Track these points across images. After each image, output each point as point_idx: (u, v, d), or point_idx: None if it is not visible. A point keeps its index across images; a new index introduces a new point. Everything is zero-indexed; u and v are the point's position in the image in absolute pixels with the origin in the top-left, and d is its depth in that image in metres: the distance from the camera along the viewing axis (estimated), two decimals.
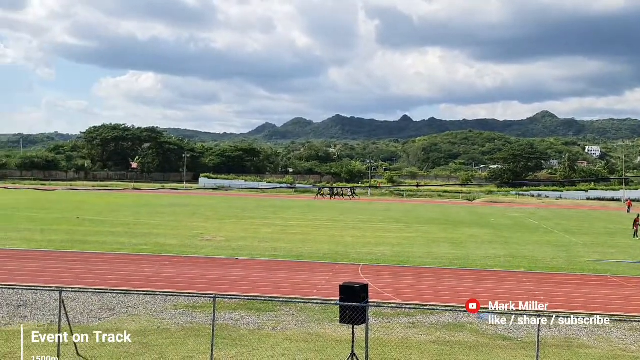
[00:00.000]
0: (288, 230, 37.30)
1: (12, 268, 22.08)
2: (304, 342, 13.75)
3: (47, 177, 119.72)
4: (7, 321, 14.86)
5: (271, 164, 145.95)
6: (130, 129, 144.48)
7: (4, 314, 15.57)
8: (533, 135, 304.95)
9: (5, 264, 22.97)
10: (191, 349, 12.97)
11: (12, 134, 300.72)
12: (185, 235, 32.91)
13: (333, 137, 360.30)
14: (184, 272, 22.21)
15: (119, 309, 16.32)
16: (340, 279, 16.95)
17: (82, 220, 39.92)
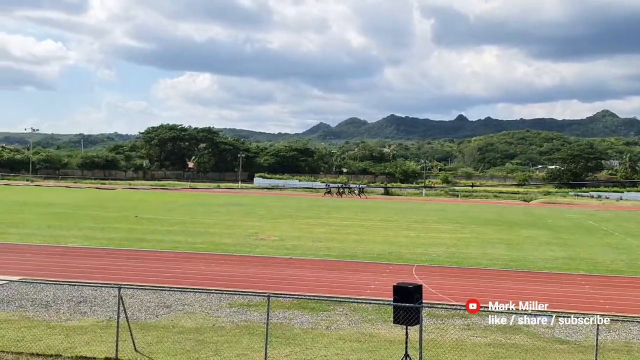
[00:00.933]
0: (342, 230, 37.32)
1: (73, 265, 22.68)
2: (357, 342, 13.74)
3: (107, 176, 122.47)
4: (67, 317, 15.27)
5: (325, 164, 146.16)
6: (187, 129, 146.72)
7: (65, 309, 16.00)
8: (593, 135, 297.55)
9: (67, 260, 23.60)
10: (245, 346, 13.10)
11: (73, 134, 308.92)
12: (240, 235, 33.25)
13: (387, 137, 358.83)
14: (239, 271, 22.45)
15: (176, 306, 16.59)
16: (393, 280, 16.86)
17: (140, 218, 40.73)
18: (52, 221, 37.28)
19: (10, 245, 27.12)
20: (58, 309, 16.01)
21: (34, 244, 27.64)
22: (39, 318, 15.01)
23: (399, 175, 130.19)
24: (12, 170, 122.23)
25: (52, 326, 14.28)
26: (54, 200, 58.22)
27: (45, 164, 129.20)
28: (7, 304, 16.37)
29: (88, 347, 12.62)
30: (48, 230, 32.43)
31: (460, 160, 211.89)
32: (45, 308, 16.03)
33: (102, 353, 12.31)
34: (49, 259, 23.95)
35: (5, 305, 16.23)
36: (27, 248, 26.39)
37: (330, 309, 16.69)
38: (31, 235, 30.44)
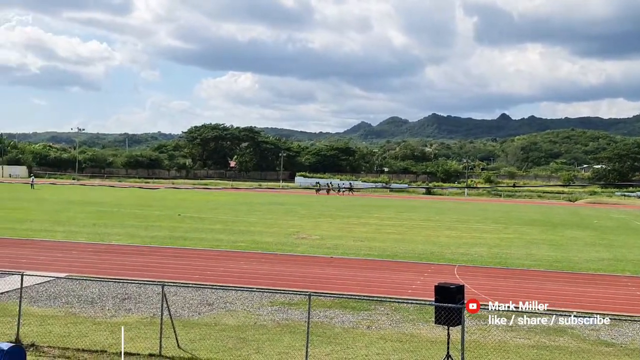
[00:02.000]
0: (383, 230, 37.20)
1: (118, 262, 23.05)
2: (399, 342, 13.69)
3: (150, 175, 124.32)
4: (112, 313, 15.52)
5: (366, 163, 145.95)
6: (229, 128, 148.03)
7: (110, 306, 16.27)
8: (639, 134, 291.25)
9: (112, 258, 24.00)
10: (287, 345, 13.15)
11: (118, 134, 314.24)
12: (281, 233, 33.38)
13: (429, 136, 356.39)
14: (280, 270, 22.54)
15: (218, 304, 16.74)
16: (435, 279, 16.74)
17: (183, 217, 41.19)
18: (97, 219, 37.95)
19: (57, 242, 27.68)
20: (103, 305, 16.29)
21: (79, 241, 28.17)
22: (85, 314, 15.29)
23: (441, 174, 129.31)
24: (59, 169, 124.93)
25: (98, 322, 14.53)
26: (98, 198, 59.25)
27: (91, 163, 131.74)
28: (53, 300, 16.72)
29: (132, 344, 12.81)
30: (93, 228, 33.02)
31: (503, 159, 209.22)
32: (90, 304, 16.33)
33: (146, 349, 12.48)
34: (94, 256, 24.37)
35: (52, 301, 16.57)
36: (73, 245, 26.90)
37: (372, 309, 16.66)
38: (77, 233, 31.03)
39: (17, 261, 22.20)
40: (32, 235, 29.65)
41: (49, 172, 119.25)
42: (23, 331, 12.97)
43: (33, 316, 14.67)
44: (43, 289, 17.81)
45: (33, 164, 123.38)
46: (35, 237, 29.09)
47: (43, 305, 16.05)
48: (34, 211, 42.71)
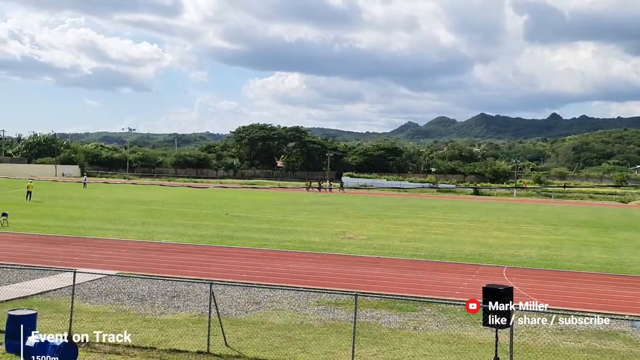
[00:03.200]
0: (430, 230, 36.95)
1: (166, 260, 23.39)
2: (446, 343, 13.58)
3: (199, 174, 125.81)
4: (161, 310, 15.76)
5: (413, 163, 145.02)
6: (276, 128, 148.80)
7: (159, 303, 16.52)
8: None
9: (161, 256, 24.37)
10: (333, 344, 13.16)
11: (167, 134, 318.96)
12: (327, 233, 33.43)
13: (477, 136, 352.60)
14: (327, 269, 22.58)
15: (265, 303, 16.85)
16: (483, 281, 16.54)
17: (230, 216, 41.59)
18: (146, 218, 38.58)
19: (108, 240, 28.23)
20: (153, 302, 16.55)
21: (130, 239, 28.68)
22: (135, 311, 15.56)
23: (489, 175, 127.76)
24: (111, 168, 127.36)
25: (147, 319, 14.77)
26: (148, 197, 60.21)
27: (141, 162, 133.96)
28: (105, 296, 17.06)
29: (181, 341, 12.99)
30: (143, 227, 33.58)
31: (554, 159, 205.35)
32: (140, 301, 16.61)
33: (195, 347, 12.63)
34: (144, 254, 24.78)
35: (104, 298, 16.91)
36: (124, 244, 27.40)
37: (418, 310, 16.56)
38: (127, 231, 31.59)
39: (70, 258, 22.71)
40: (85, 233, 30.30)
41: (100, 171, 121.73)
42: (75, 327, 13.26)
43: (85, 312, 14.99)
44: (95, 286, 18.19)
45: (85, 164, 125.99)
46: (87, 235, 29.72)
47: (94, 302, 16.39)
48: (86, 210, 43.64)
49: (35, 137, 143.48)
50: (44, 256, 23.22)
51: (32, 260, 21.85)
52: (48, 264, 21.11)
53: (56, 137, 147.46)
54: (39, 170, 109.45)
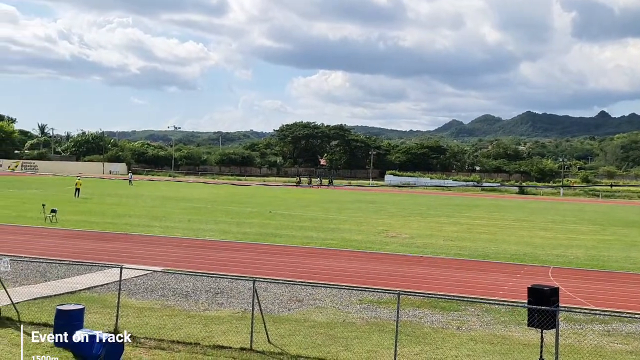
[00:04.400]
0: (474, 229, 36.60)
1: (210, 257, 23.63)
2: (489, 344, 13.43)
3: (242, 172, 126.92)
4: (205, 307, 15.92)
5: (457, 162, 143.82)
6: (319, 126, 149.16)
7: (203, 300, 16.70)
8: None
9: (205, 253, 24.63)
10: (375, 343, 13.14)
11: (212, 132, 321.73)
12: (370, 232, 33.37)
13: (523, 135, 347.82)
14: (369, 268, 22.53)
15: (307, 301, 16.90)
16: (528, 281, 16.32)
17: (273, 214, 41.80)
18: (191, 215, 39.03)
19: (154, 237, 28.64)
20: (197, 299, 16.74)
21: (175, 236, 29.05)
22: (179, 307, 15.76)
23: (535, 174, 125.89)
24: (156, 166, 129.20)
25: (192, 315, 14.95)
26: (193, 195, 60.91)
27: (186, 160, 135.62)
28: (150, 292, 17.31)
29: (224, 337, 13.11)
30: (188, 224, 33.97)
31: (602, 158, 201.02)
32: (185, 298, 16.81)
33: (238, 343, 12.74)
34: (189, 251, 25.08)
35: (149, 294, 17.16)
36: (169, 240, 27.77)
37: (462, 309, 16.42)
38: (173, 228, 32.01)
39: (117, 255, 23.12)
40: (131, 229, 30.80)
41: (146, 169, 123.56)
42: (121, 322, 13.49)
43: (131, 308, 15.24)
44: (140, 282, 18.48)
45: (132, 161, 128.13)
46: (133, 231, 30.20)
47: (140, 298, 16.65)
48: (132, 207, 44.36)
49: (83, 135, 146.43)
50: (92, 252, 23.68)
51: (80, 256, 22.30)
52: (95, 260, 21.53)
53: (104, 135, 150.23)
54: (87, 167, 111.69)
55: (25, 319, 13.88)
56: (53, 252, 23.32)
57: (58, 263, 19.66)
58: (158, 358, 11.86)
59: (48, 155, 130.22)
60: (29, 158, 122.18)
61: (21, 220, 32.93)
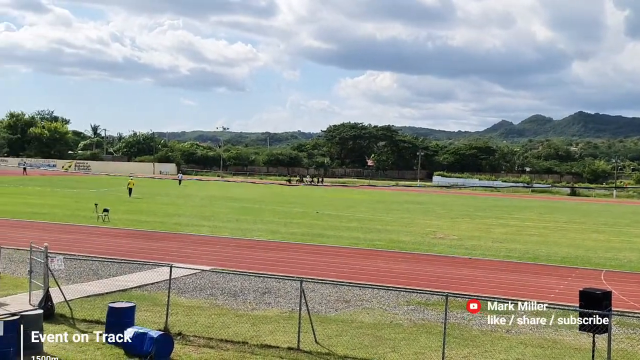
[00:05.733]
0: (523, 231, 36.07)
1: (258, 257, 23.80)
2: (540, 347, 13.23)
3: (290, 172, 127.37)
4: (253, 306, 16.05)
5: (507, 163, 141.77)
6: (367, 127, 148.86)
7: (251, 299, 16.83)
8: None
9: (253, 253, 24.81)
10: (423, 345, 13.06)
11: (260, 132, 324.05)
12: (418, 233, 33.17)
13: (574, 135, 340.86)
14: (416, 269, 22.41)
15: (354, 302, 16.89)
16: (579, 285, 16.03)
17: (320, 214, 41.88)
18: (239, 215, 39.37)
19: (203, 237, 28.97)
20: (245, 298, 16.88)
21: (223, 236, 29.34)
22: (228, 306, 15.92)
23: (587, 175, 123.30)
24: (205, 166, 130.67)
25: (240, 314, 15.08)
26: (241, 195, 61.44)
27: (234, 160, 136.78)
28: (199, 291, 17.53)
29: (272, 337, 13.20)
30: (236, 224, 34.27)
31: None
32: (233, 297, 16.98)
33: (285, 343, 12.81)
34: (237, 250, 25.31)
35: (198, 292, 17.38)
36: (218, 240, 28.06)
37: (511, 312, 16.18)
38: (221, 228, 32.33)
39: (167, 253, 23.47)
40: (180, 229, 31.23)
41: (195, 169, 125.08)
42: (171, 320, 13.70)
43: (180, 306, 15.45)
44: (190, 281, 18.72)
45: (181, 162, 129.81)
46: (182, 231, 30.62)
47: (189, 296, 16.88)
48: (182, 206, 44.96)
49: (134, 136, 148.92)
50: (142, 251, 24.10)
51: (131, 255, 22.72)
52: (146, 258, 21.88)
53: (154, 136, 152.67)
54: (138, 168, 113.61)
55: (78, 316, 14.20)
56: (105, 250, 23.80)
57: (110, 261, 20.09)
58: (207, 356, 12.01)
59: (100, 155, 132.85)
60: (82, 158, 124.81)
61: (74, 219, 33.70)
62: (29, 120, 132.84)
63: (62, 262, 14.94)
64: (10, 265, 20.01)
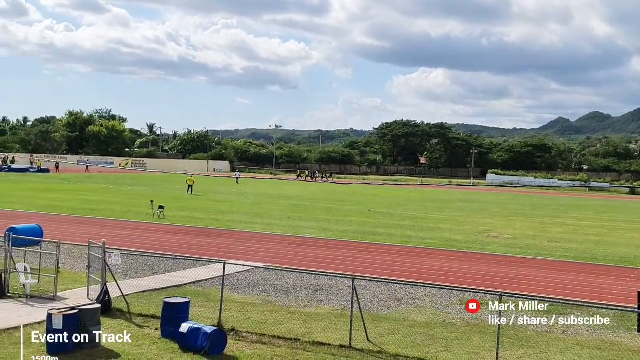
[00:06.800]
0: (581, 231, 35.33)
1: (310, 254, 23.91)
2: (597, 349, 12.96)
3: (342, 170, 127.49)
4: (305, 304, 16.13)
5: (563, 161, 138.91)
6: (419, 125, 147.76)
7: (303, 296, 16.92)
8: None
9: (305, 250, 24.93)
10: (476, 345, 12.93)
11: (313, 130, 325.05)
12: (471, 231, 32.81)
13: (634, 132, 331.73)
14: (470, 268, 22.18)
15: (407, 300, 16.82)
16: (638, 285, 15.64)
17: (372, 212, 41.78)
18: (291, 213, 39.58)
19: (255, 234, 29.23)
20: (297, 295, 16.98)
21: (275, 233, 29.54)
22: (280, 303, 16.04)
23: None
24: (258, 164, 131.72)
25: (292, 311, 15.18)
26: (293, 193, 61.74)
27: (287, 158, 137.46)
28: (252, 288, 17.70)
29: (324, 334, 13.25)
30: (288, 221, 34.46)
31: None
32: (285, 294, 17.09)
33: (337, 340, 12.84)
34: (289, 248, 25.46)
35: (251, 289, 17.55)
36: (270, 237, 28.27)
37: (567, 313, 15.88)
38: (273, 225, 32.55)
39: (220, 250, 23.76)
40: (234, 226, 31.57)
41: (249, 167, 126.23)
42: (224, 316, 13.87)
43: (233, 302, 15.63)
44: (243, 277, 18.91)
45: (235, 160, 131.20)
46: (236, 228, 30.94)
47: (242, 293, 17.06)
48: (235, 204, 45.45)
49: (189, 133, 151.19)
50: (197, 247, 24.45)
51: (185, 251, 23.07)
52: (200, 255, 22.18)
53: (208, 134, 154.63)
54: (192, 165, 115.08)
55: (135, 310, 14.51)
56: (160, 246, 24.24)
57: (165, 257, 20.42)
58: (259, 352, 12.13)
59: (156, 153, 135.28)
60: (138, 156, 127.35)
61: (131, 216, 34.40)
62: (88, 119, 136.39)
63: (119, 258, 15.28)
64: (70, 260, 20.56)
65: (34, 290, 15.69)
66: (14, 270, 15.78)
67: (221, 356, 11.83)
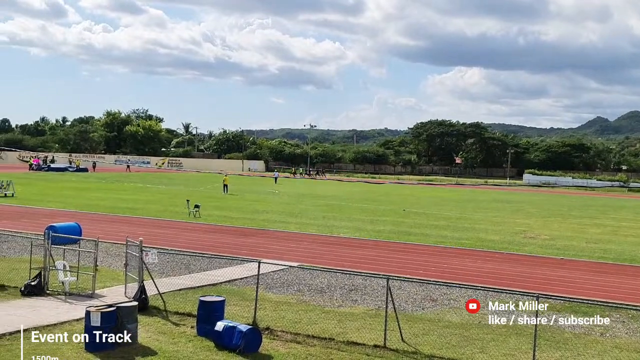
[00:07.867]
0: (620, 232, 34.74)
1: (345, 254, 23.89)
2: (636, 352, 12.73)
3: (376, 170, 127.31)
4: (340, 303, 16.13)
5: (602, 161, 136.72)
6: (455, 124, 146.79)
7: (337, 296, 16.92)
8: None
9: (339, 250, 24.92)
10: (512, 347, 12.80)
11: (347, 130, 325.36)
12: (507, 232, 32.48)
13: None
14: (506, 269, 21.96)
15: (442, 300, 16.71)
16: None
17: (407, 212, 41.61)
18: (326, 212, 39.61)
19: (290, 233, 29.32)
20: (331, 295, 16.99)
21: (310, 233, 29.59)
22: (315, 302, 16.06)
23: None
24: (293, 164, 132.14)
25: (326, 311, 15.18)
26: (328, 192, 61.79)
27: (321, 158, 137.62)
28: (287, 287, 17.75)
29: (358, 334, 13.23)
30: (322, 221, 34.48)
31: None
32: (320, 293, 17.11)
33: (371, 340, 12.81)
34: (323, 247, 25.47)
35: (286, 288, 17.60)
36: (304, 237, 28.33)
37: (606, 315, 15.62)
38: (308, 224, 32.61)
39: (255, 249, 23.86)
40: (269, 225, 31.70)
41: (283, 166, 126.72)
42: (259, 315, 13.94)
43: (268, 301, 15.70)
44: (277, 277, 18.98)
45: (269, 159, 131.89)
46: (270, 227, 31.06)
47: (277, 292, 17.12)
48: (270, 203, 45.65)
49: (224, 133, 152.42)
50: (232, 246, 24.62)
51: (220, 250, 23.24)
52: (235, 254, 22.33)
53: (243, 133, 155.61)
54: (227, 165, 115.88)
55: (171, 308, 14.66)
56: (196, 245, 24.44)
57: (201, 256, 20.58)
58: (294, 351, 12.16)
59: (192, 152, 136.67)
60: (174, 156, 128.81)
61: (167, 215, 34.76)
62: (125, 119, 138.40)
63: (155, 256, 15.45)
64: (107, 258, 20.85)
65: (72, 288, 15.95)
66: (53, 268, 16.06)
67: (256, 355, 11.89)
